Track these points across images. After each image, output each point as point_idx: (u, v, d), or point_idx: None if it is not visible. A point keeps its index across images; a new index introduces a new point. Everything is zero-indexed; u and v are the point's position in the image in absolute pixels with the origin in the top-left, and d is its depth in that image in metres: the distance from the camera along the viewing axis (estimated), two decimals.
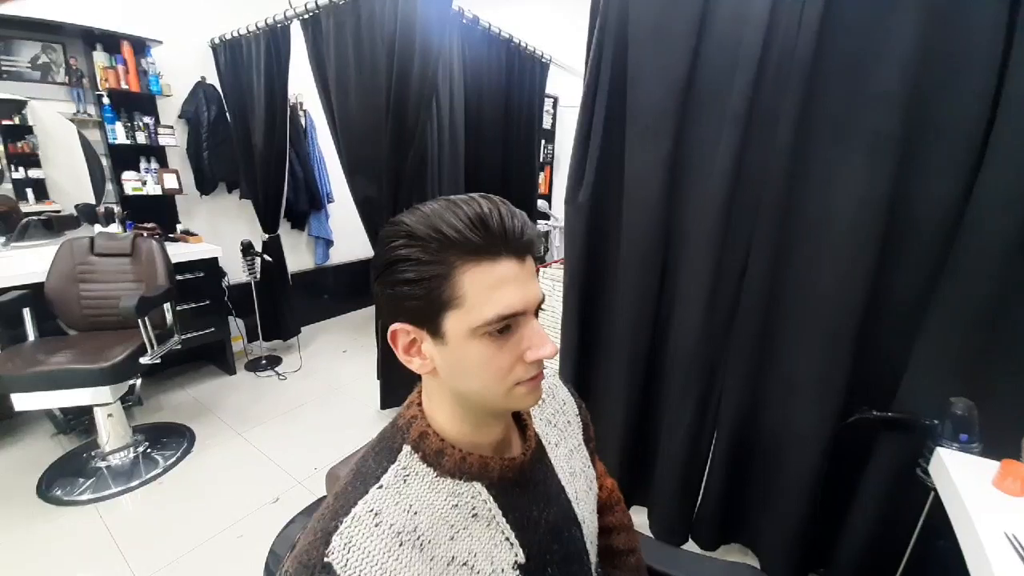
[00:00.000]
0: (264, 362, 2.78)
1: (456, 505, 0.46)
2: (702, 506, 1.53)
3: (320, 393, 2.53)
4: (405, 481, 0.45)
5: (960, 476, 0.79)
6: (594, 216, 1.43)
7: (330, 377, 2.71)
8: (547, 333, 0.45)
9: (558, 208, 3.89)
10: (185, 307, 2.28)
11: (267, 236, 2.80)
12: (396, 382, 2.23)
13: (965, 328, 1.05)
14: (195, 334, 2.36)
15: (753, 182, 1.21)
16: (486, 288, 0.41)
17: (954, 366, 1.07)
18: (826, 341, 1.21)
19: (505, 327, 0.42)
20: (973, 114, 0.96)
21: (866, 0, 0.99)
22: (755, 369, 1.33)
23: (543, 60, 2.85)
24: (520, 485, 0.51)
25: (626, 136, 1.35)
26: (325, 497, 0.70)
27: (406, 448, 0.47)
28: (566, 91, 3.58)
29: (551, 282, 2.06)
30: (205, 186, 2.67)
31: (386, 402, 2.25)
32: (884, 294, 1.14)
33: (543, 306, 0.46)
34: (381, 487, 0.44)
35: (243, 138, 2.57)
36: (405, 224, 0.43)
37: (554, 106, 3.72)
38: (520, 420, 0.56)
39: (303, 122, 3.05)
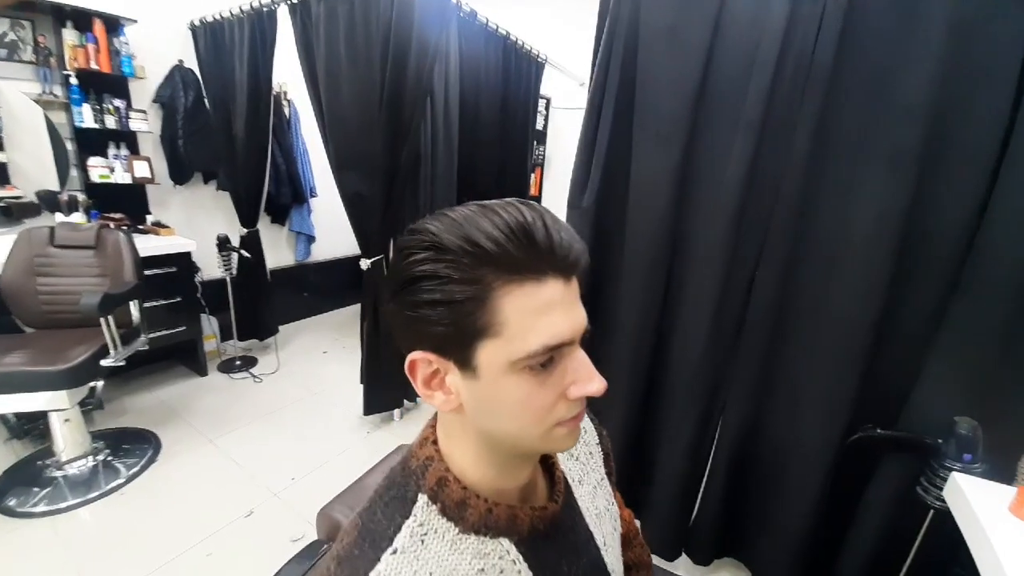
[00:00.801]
0: (239, 363, 2.64)
1: (482, 570, 0.39)
2: (698, 519, 1.49)
3: (298, 397, 2.41)
4: (423, 542, 0.38)
5: (977, 502, 0.76)
6: (598, 221, 1.38)
7: (309, 380, 2.59)
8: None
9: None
10: (154, 304, 2.14)
11: (246, 230, 2.66)
12: (381, 387, 2.14)
13: (974, 348, 1.04)
14: (164, 332, 2.21)
15: (765, 193, 1.18)
16: (530, 314, 0.35)
17: (961, 386, 1.06)
18: (835, 358, 1.18)
19: (548, 359, 0.36)
20: (990, 132, 0.95)
21: (890, 11, 0.97)
22: (760, 384, 1.31)
23: (539, 60, 2.80)
24: (550, 537, 0.44)
25: (633, 141, 1.31)
26: (319, 545, 0.62)
27: (422, 499, 0.40)
28: (559, 93, 3.54)
29: None
30: (180, 176, 2.52)
31: (370, 407, 2.15)
32: (895, 312, 1.13)
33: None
34: (396, 552, 0.37)
35: (223, 127, 2.43)
36: (431, 233, 0.35)
37: (547, 107, 3.67)
38: (546, 459, 0.50)
39: (287, 112, 2.92)
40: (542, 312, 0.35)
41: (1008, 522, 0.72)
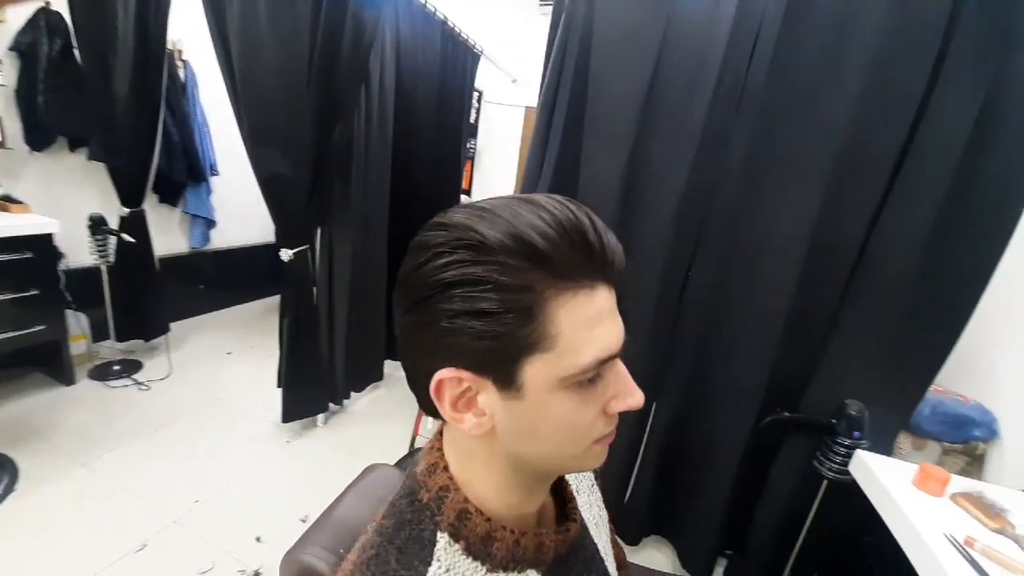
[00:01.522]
0: (117, 368, 2.23)
1: None
2: (629, 502, 1.59)
3: (198, 406, 2.10)
4: None
5: (884, 476, 0.90)
6: None
7: (211, 385, 2.28)
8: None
9: None
10: (1, 298, 1.71)
11: (127, 211, 2.24)
12: (303, 390, 1.95)
13: (862, 342, 1.23)
14: (15, 333, 1.78)
15: (701, 200, 1.28)
16: (583, 325, 0.32)
17: (851, 374, 1.24)
18: (751, 351, 1.32)
19: (596, 374, 0.33)
20: (887, 159, 1.12)
21: (816, 41, 1.09)
22: (690, 377, 1.41)
23: (475, 51, 2.74)
24: (568, 559, 0.42)
25: (584, 143, 1.33)
26: None
27: (443, 539, 0.35)
28: (492, 87, 3.51)
29: None
30: (38, 140, 2.03)
31: (290, 413, 1.95)
32: (800, 310, 1.28)
33: None
34: None
35: (101, 84, 2.01)
36: (469, 228, 0.31)
37: (479, 100, 3.61)
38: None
39: (182, 75, 2.52)
40: (594, 323, 0.32)
41: (914, 494, 0.85)
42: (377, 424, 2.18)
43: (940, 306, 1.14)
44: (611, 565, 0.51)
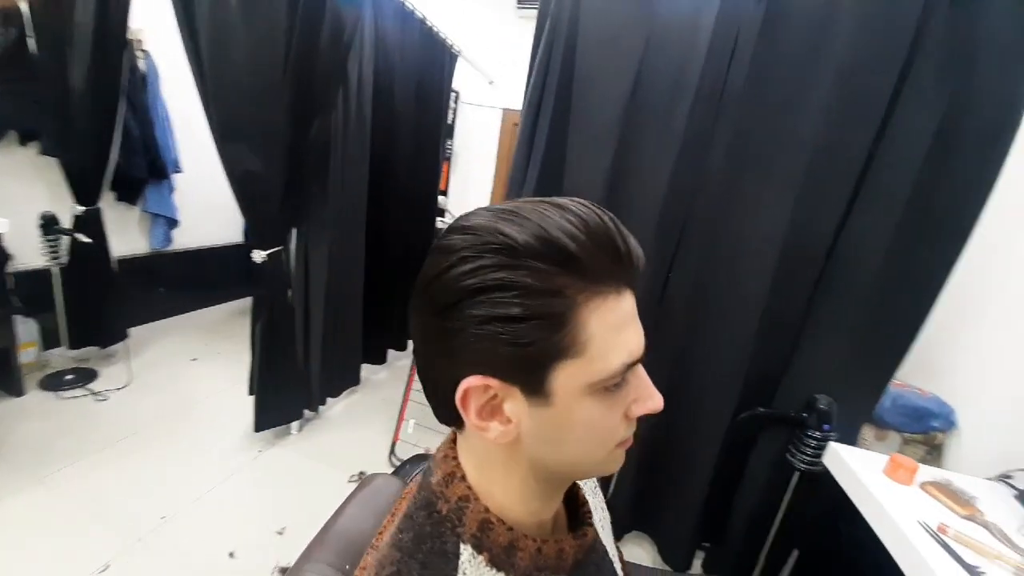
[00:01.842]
0: (70, 377, 2.08)
1: None
2: (613, 499, 1.61)
3: (162, 416, 1.99)
4: None
5: (856, 467, 0.94)
6: None
7: (176, 394, 2.16)
8: None
9: (455, 206, 3.78)
10: None
11: (82, 209, 2.10)
12: (277, 397, 1.88)
13: (830, 340, 1.29)
14: None
15: (683, 202, 1.31)
16: (612, 330, 0.32)
17: (820, 371, 1.30)
18: (729, 350, 1.37)
19: (622, 379, 0.33)
20: (855, 166, 1.17)
21: (790, 50, 1.13)
22: (671, 376, 1.44)
23: (452, 51, 2.72)
24: (584, 566, 0.41)
25: (569, 143, 1.34)
26: None
27: (466, 551, 0.34)
28: (468, 88, 3.49)
29: None
30: None
31: (263, 422, 1.87)
32: (774, 309, 1.33)
33: None
34: None
35: (55, 75, 1.88)
36: (500, 232, 0.30)
37: (455, 101, 3.59)
38: None
39: (142, 67, 2.38)
40: (621, 328, 0.33)
41: (885, 483, 0.90)
42: (354, 430, 2.12)
43: (901, 305, 1.21)
44: (619, 567, 0.51)
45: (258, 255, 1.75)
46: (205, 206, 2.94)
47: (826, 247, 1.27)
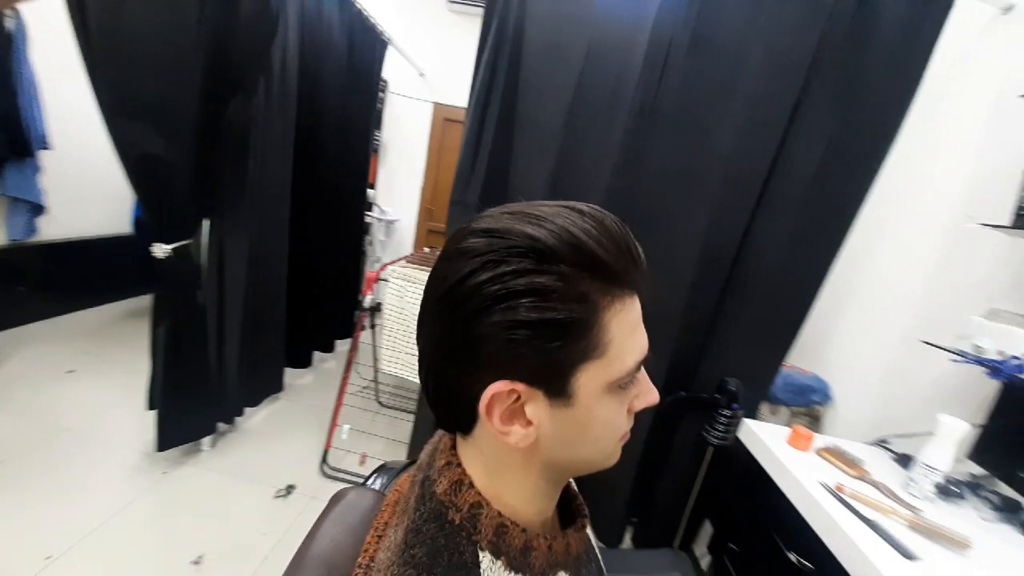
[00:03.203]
0: None
1: None
2: None
3: (35, 439, 1.68)
4: None
5: (767, 440, 1.09)
6: None
7: (51, 413, 1.83)
8: None
9: (384, 200, 3.63)
10: None
11: None
12: (184, 409, 1.67)
13: (738, 329, 1.46)
14: None
15: (620, 207, 1.40)
16: (628, 332, 0.33)
17: (730, 358, 1.47)
18: (656, 341, 1.49)
19: (632, 377, 0.35)
20: (759, 179, 1.34)
21: (712, 72, 1.26)
22: None
23: (383, 38, 2.61)
24: (581, 557, 0.43)
25: (515, 144, 1.36)
26: None
27: (486, 558, 0.34)
28: (397, 78, 3.37)
29: (403, 281, 1.91)
30: None
31: (168, 439, 1.66)
32: (693, 305, 1.47)
33: (401, 311, 0.39)
34: None
35: None
36: (528, 236, 0.30)
37: (383, 90, 3.44)
38: None
39: (9, 27, 1.96)
40: (635, 329, 0.34)
41: (790, 452, 1.05)
42: (277, 441, 1.96)
43: (791, 299, 1.41)
44: (599, 553, 0.54)
45: (160, 249, 1.54)
46: (81, 191, 2.51)
47: (735, 248, 1.43)
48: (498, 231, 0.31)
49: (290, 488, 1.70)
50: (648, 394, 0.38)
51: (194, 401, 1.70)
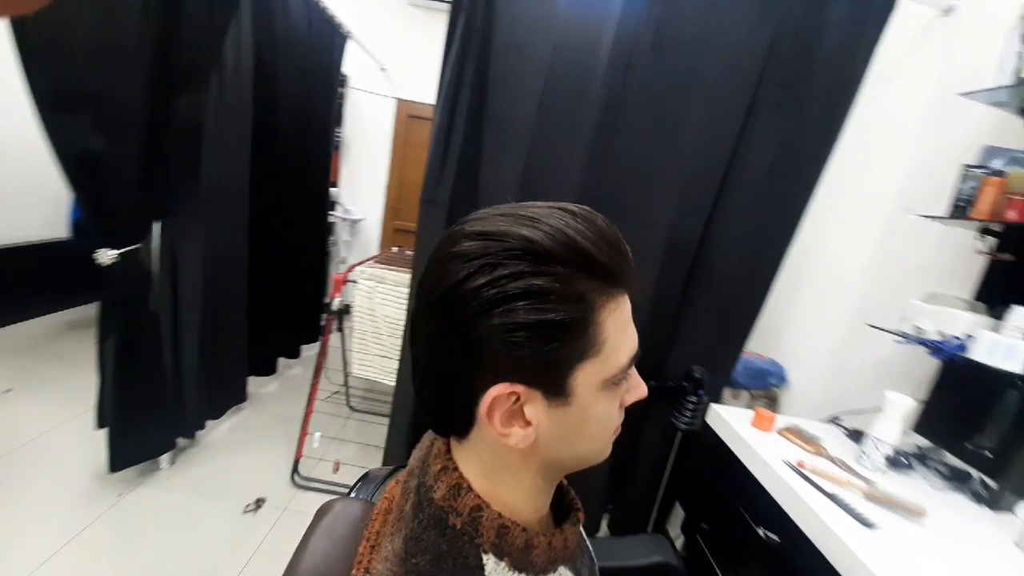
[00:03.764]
0: None
1: None
2: None
3: None
4: None
5: (733, 423, 1.14)
6: (452, 217, 1.37)
7: None
8: None
9: (348, 199, 3.53)
10: None
11: None
12: (138, 426, 1.57)
13: (702, 319, 1.52)
14: None
15: (590, 204, 1.42)
16: (620, 329, 0.34)
17: (696, 347, 1.53)
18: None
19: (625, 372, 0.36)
20: (717, 177, 1.39)
21: (673, 73, 1.31)
22: None
23: (342, 31, 2.52)
24: (575, 550, 0.44)
25: (484, 143, 1.36)
26: None
27: (490, 560, 0.34)
28: (357, 72, 3.27)
29: (372, 282, 1.86)
30: None
31: (122, 459, 1.55)
32: (660, 297, 1.52)
33: (371, 312, 0.38)
34: None
35: None
36: (525, 238, 0.30)
37: (343, 85, 3.33)
38: None
39: None
40: (626, 325, 0.35)
41: (754, 433, 1.11)
42: (243, 454, 1.88)
43: (750, 288, 1.48)
44: (588, 544, 0.55)
45: (106, 255, 1.44)
46: (5, 191, 2.29)
47: (697, 242, 1.49)
48: (494, 234, 0.31)
49: (260, 502, 1.63)
50: (638, 388, 0.39)
51: (149, 416, 1.60)
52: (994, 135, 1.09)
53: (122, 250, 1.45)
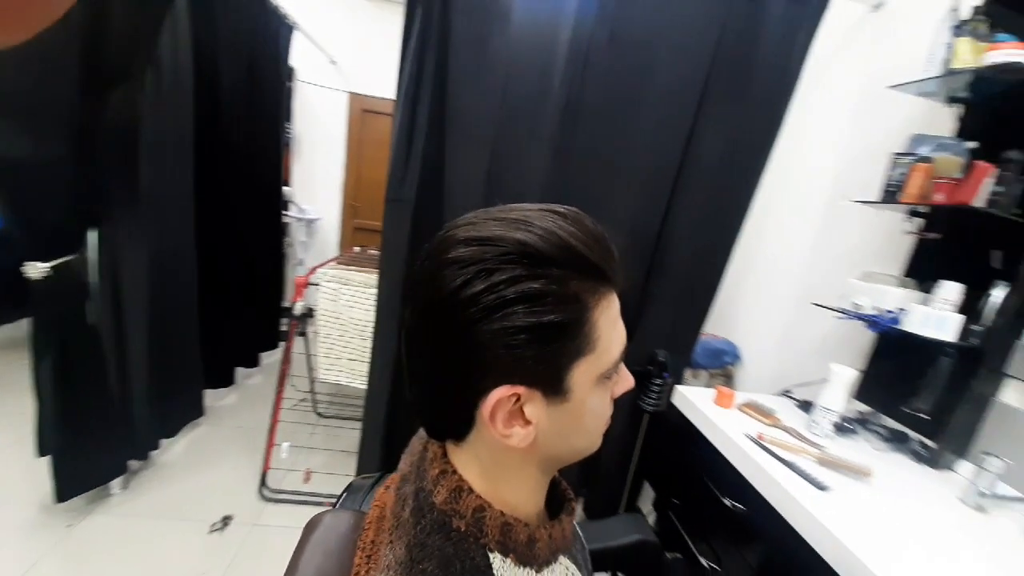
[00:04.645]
0: None
1: None
2: None
3: None
4: None
5: (697, 402, 1.21)
6: (417, 216, 1.36)
7: None
8: None
9: (302, 197, 3.38)
10: None
11: None
12: (84, 450, 1.46)
13: (663, 305, 1.59)
14: None
15: (555, 198, 1.45)
16: (611, 325, 0.35)
17: (659, 332, 1.60)
18: None
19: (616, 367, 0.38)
20: (672, 170, 1.45)
21: (628, 70, 1.34)
22: None
23: (287, 22, 2.40)
24: (571, 538, 0.45)
25: (447, 139, 1.35)
26: None
27: (496, 558, 0.35)
28: (306, 65, 3.12)
29: (336, 284, 1.81)
30: None
31: (69, 487, 1.43)
32: (625, 287, 1.58)
33: (337, 315, 0.39)
34: None
35: None
36: (520, 242, 0.31)
37: (290, 79, 3.17)
38: None
39: None
40: (616, 321, 0.36)
41: (717, 411, 1.18)
42: (204, 471, 1.79)
43: (706, 273, 1.56)
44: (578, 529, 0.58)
45: (35, 269, 1.32)
46: None
47: (656, 232, 1.55)
48: (488, 239, 0.32)
49: (227, 519, 1.56)
50: (626, 379, 0.40)
51: (96, 439, 1.48)
52: (922, 124, 1.17)
53: (54, 263, 1.33)
